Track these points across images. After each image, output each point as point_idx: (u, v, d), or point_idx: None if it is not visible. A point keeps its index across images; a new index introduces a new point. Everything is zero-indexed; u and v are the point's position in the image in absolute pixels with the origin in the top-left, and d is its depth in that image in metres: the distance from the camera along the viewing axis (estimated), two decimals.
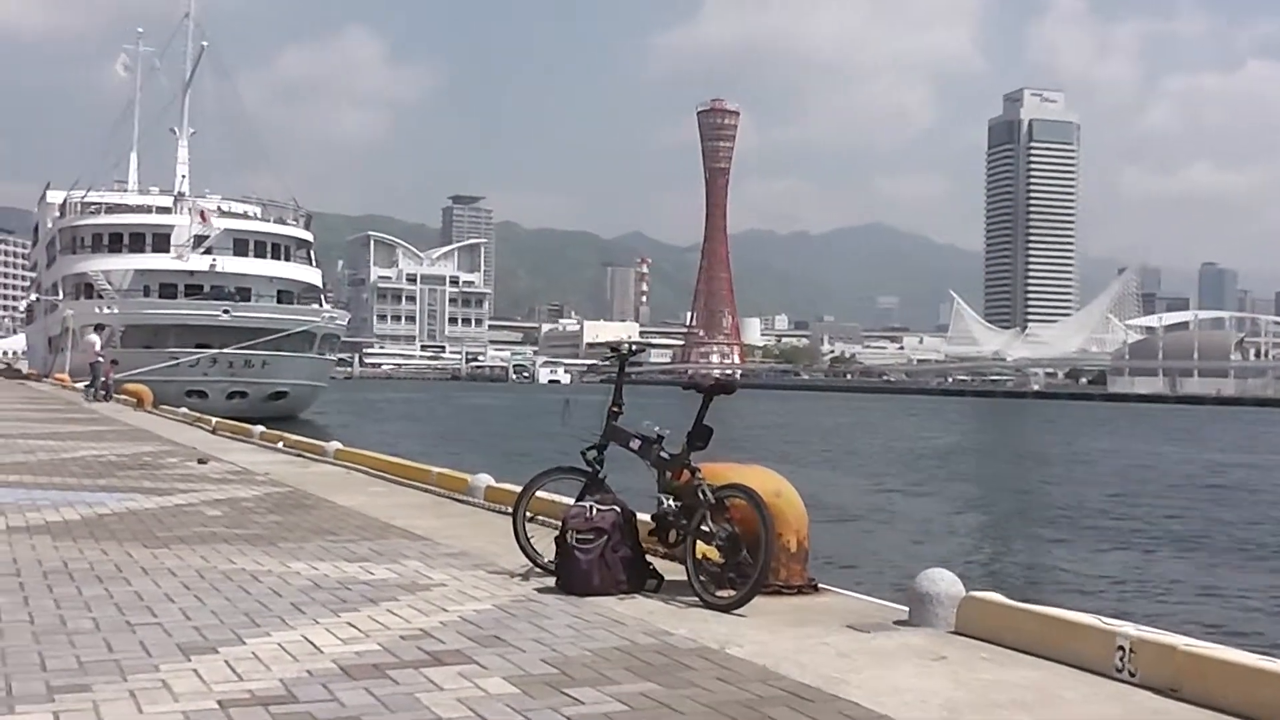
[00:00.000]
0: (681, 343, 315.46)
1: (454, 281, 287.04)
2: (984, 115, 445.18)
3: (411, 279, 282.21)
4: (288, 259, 66.57)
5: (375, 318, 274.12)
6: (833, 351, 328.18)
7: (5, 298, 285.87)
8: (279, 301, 62.68)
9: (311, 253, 69.04)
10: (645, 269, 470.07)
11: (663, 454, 6.85)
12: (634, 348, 7.48)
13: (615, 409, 7.08)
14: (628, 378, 7.33)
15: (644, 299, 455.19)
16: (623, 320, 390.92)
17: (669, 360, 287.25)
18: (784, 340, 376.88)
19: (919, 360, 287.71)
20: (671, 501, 6.73)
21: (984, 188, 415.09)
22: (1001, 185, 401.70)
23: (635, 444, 6.95)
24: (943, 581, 5.92)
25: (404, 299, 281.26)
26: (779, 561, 6.55)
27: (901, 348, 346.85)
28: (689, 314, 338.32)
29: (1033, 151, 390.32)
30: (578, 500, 6.97)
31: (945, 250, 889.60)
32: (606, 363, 7.83)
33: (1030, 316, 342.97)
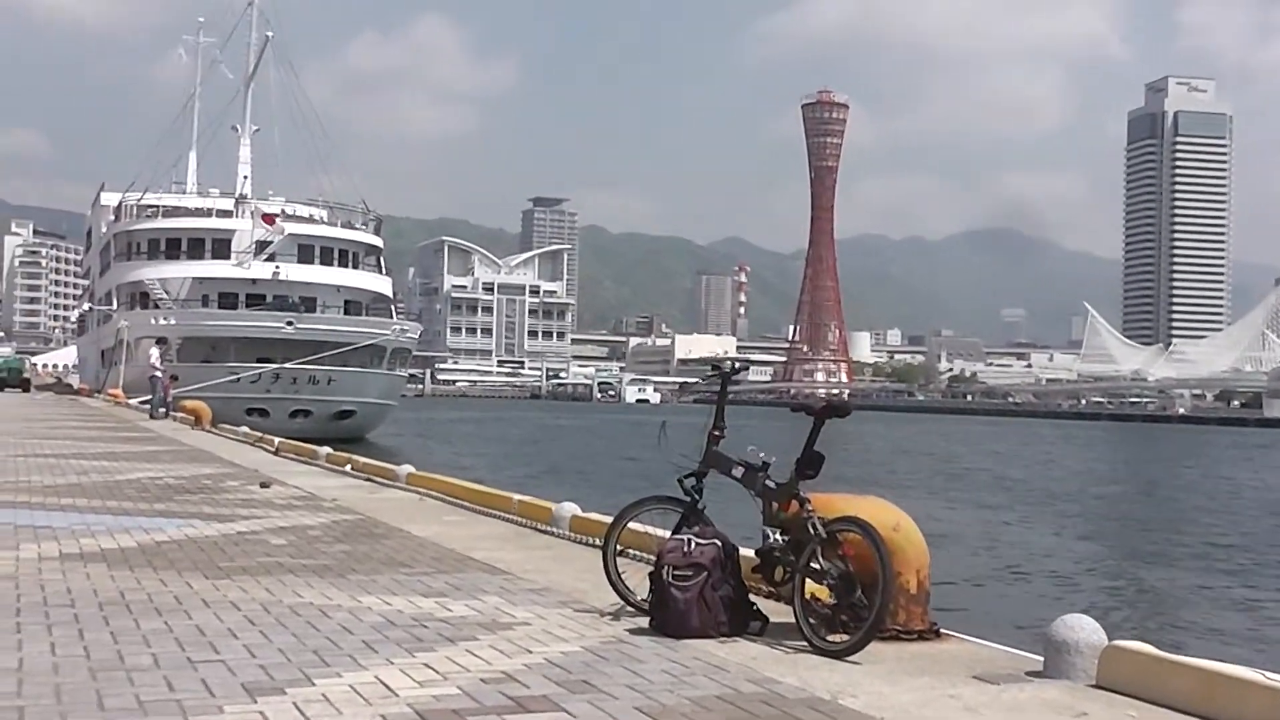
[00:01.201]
0: (783, 359, 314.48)
1: (534, 291, 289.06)
2: (1123, 107, 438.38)
3: (488, 288, 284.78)
4: (356, 266, 67.51)
5: (449, 330, 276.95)
6: (951, 370, 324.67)
7: (56, 307, 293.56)
8: (346, 312, 63.54)
9: (381, 260, 69.96)
10: (744, 278, 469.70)
11: (769, 483, 6.81)
12: (737, 365, 7.45)
13: (716, 433, 7.05)
14: (727, 398, 7.30)
15: (742, 310, 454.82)
16: (718, 334, 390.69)
17: (769, 379, 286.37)
18: (897, 357, 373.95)
19: (1048, 380, 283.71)
20: (778, 535, 6.69)
21: (1123, 187, 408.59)
22: (1143, 184, 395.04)
23: (738, 472, 6.92)
24: (1083, 629, 5.81)
25: (480, 310, 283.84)
26: (898, 603, 6.49)
27: (1029, 366, 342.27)
28: (792, 327, 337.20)
29: (1179, 147, 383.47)
30: (674, 533, 6.96)
31: (1078, 257, 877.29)
32: (704, 381, 7.88)
33: (1175, 332, 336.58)
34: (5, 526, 10.43)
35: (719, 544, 6.65)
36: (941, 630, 6.74)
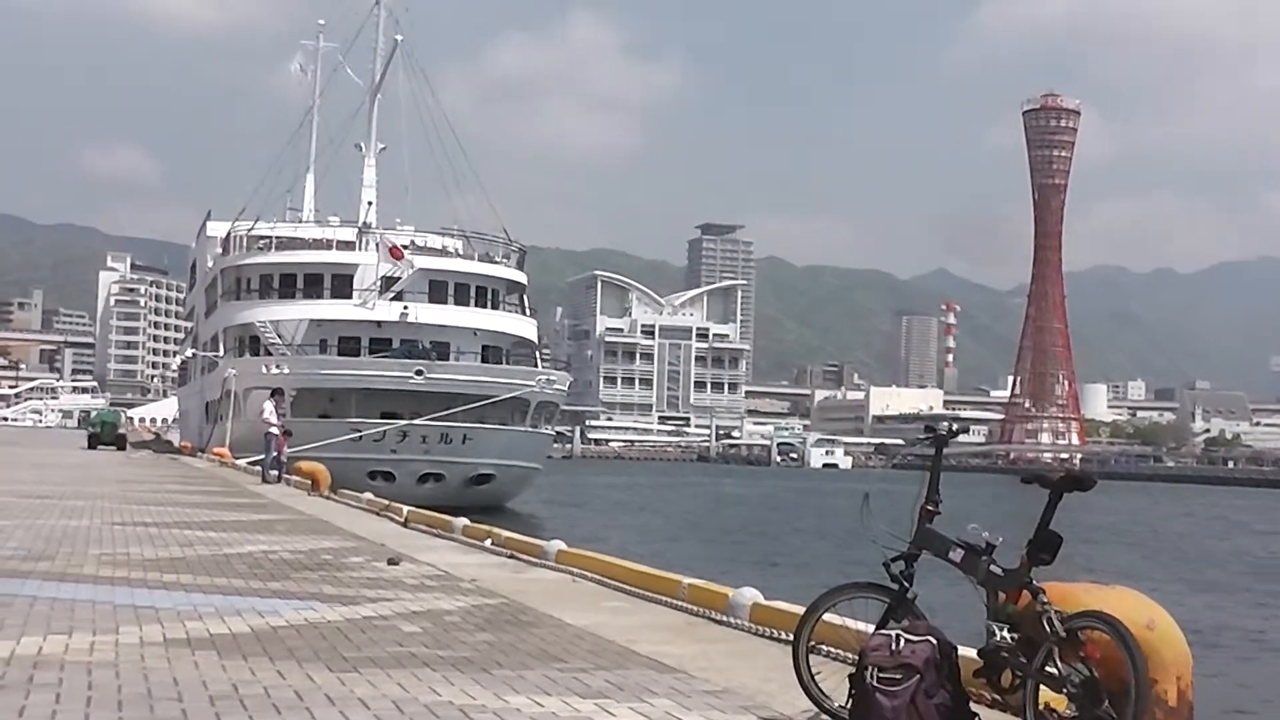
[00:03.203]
0: (1000, 416, 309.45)
1: (702, 335, 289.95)
2: None
3: (648, 331, 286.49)
4: (496, 306, 68.42)
5: (602, 380, 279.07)
6: (1208, 430, 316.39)
7: (156, 352, 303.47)
8: (484, 360, 64.41)
9: (525, 298, 70.73)
10: (952, 318, 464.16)
11: (995, 569, 6.71)
12: (954, 427, 7.38)
13: (930, 507, 6.99)
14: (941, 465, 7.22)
15: (950, 358, 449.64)
16: (922, 386, 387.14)
17: (983, 440, 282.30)
18: (1140, 414, 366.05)
19: None
20: (1006, 633, 6.59)
21: None
22: None
23: (957, 554, 6.84)
24: None
25: (639, 357, 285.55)
26: (1154, 716, 6.35)
27: None
28: (1010, 378, 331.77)
29: None
30: (879, 627, 6.90)
31: None
32: (916, 445, 7.86)
33: None
34: (104, 606, 10.79)
35: (934, 641, 6.57)
36: None
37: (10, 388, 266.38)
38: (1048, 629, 6.35)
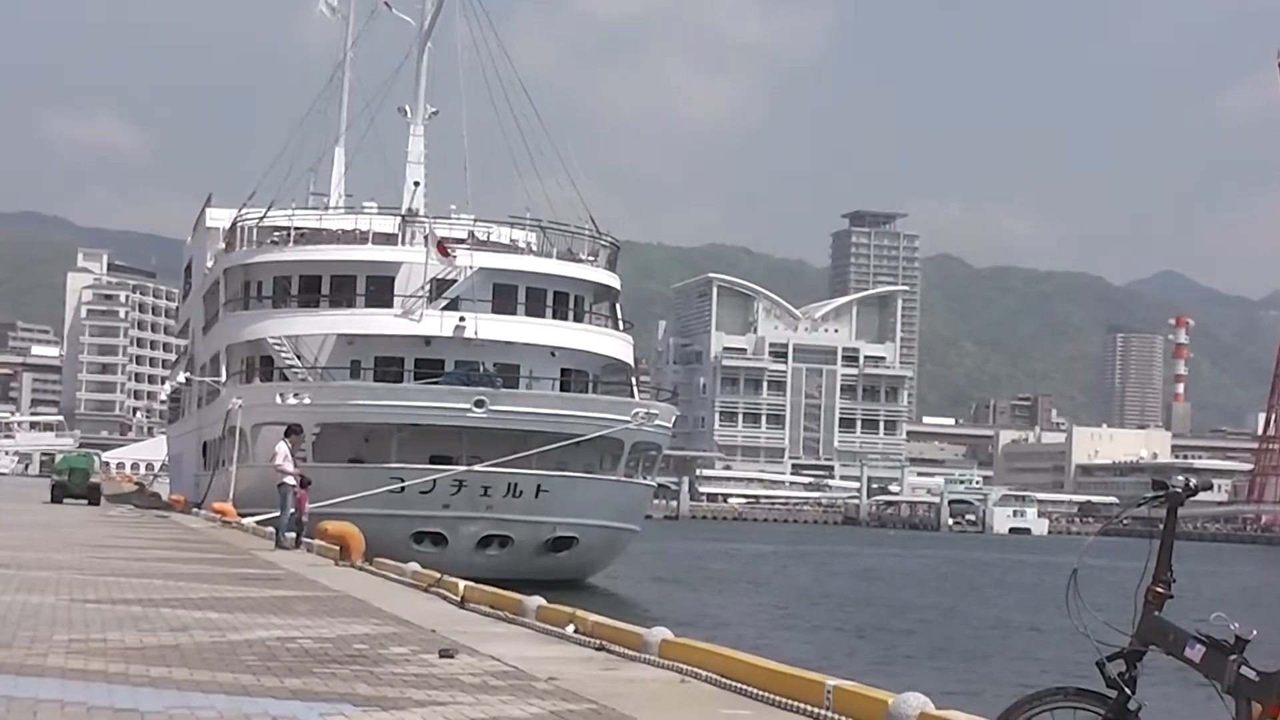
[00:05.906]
0: (1248, 466, 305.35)
1: (851, 357, 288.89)
2: None
3: (779, 353, 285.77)
4: (580, 319, 68.29)
5: (718, 417, 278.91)
6: None
7: (139, 378, 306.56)
8: (565, 388, 64.37)
9: (619, 308, 70.47)
10: (1184, 336, 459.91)
11: (1246, 671, 6.65)
12: (1193, 483, 7.28)
13: (1160, 589, 6.93)
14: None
15: (1180, 389, 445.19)
16: (1142, 425, 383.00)
17: (1225, 499, 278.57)
18: None
19: None
20: None
21: None
22: None
23: (1196, 651, 6.78)
24: None
25: (766, 386, 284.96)
26: None
27: None
28: (1263, 416, 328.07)
29: None
30: None
31: None
32: (1137, 506, 7.65)
33: None
34: (75, 707, 10.87)
35: None
36: None
37: None
38: None
